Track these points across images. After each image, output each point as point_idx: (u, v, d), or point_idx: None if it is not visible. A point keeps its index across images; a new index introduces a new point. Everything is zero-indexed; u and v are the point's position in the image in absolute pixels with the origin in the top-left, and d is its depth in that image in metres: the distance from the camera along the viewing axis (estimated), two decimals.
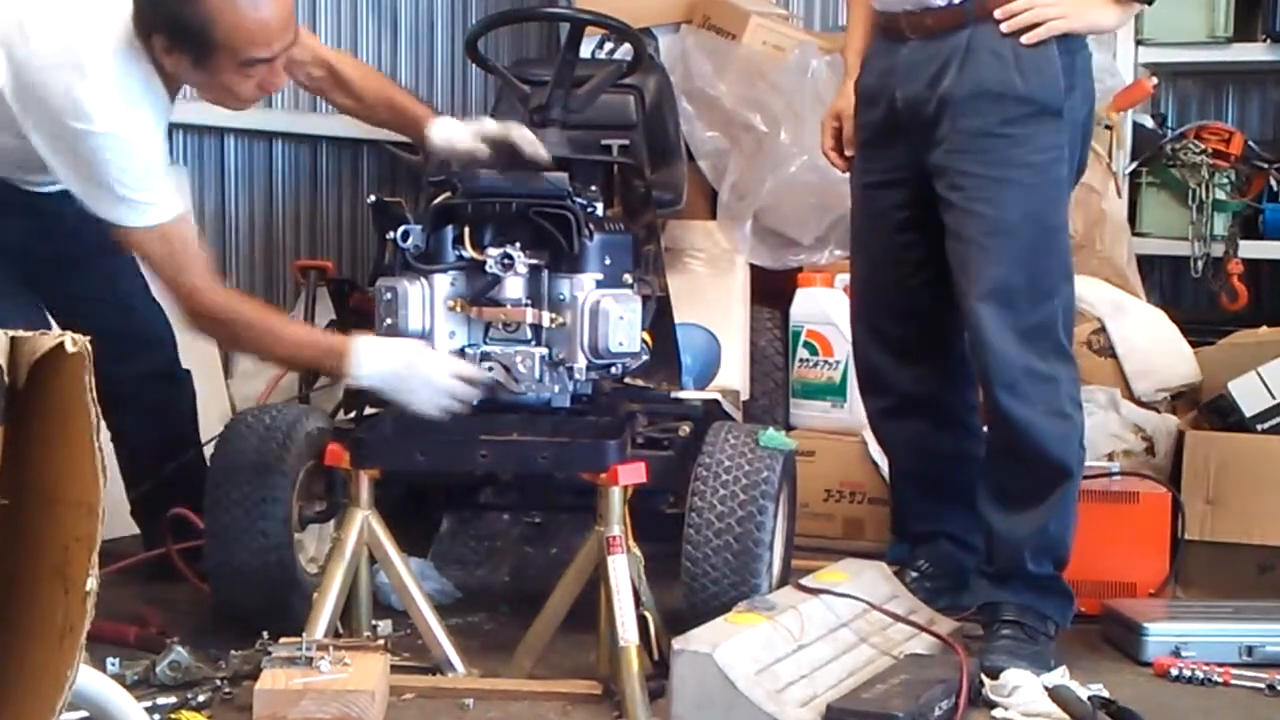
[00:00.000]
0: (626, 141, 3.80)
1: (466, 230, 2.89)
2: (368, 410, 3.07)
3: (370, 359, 2.80)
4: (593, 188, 3.02)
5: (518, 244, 2.86)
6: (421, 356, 2.81)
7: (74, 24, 2.76)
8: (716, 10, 4.62)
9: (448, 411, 2.80)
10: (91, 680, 1.76)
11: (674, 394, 3.25)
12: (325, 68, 3.15)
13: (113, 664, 2.70)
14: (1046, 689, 2.65)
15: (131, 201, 2.76)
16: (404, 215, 2.90)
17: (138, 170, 2.76)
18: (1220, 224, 4.49)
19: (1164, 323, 4.02)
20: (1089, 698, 2.62)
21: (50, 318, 3.19)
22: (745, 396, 4.09)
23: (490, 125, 3.00)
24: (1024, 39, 2.85)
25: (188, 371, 3.48)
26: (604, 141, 3.69)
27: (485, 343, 2.89)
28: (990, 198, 2.88)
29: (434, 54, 5.17)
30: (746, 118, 4.38)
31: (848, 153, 3.23)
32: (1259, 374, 3.58)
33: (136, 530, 3.50)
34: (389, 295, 2.86)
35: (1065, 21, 2.86)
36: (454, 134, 3.03)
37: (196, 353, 3.55)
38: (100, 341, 3.25)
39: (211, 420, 3.55)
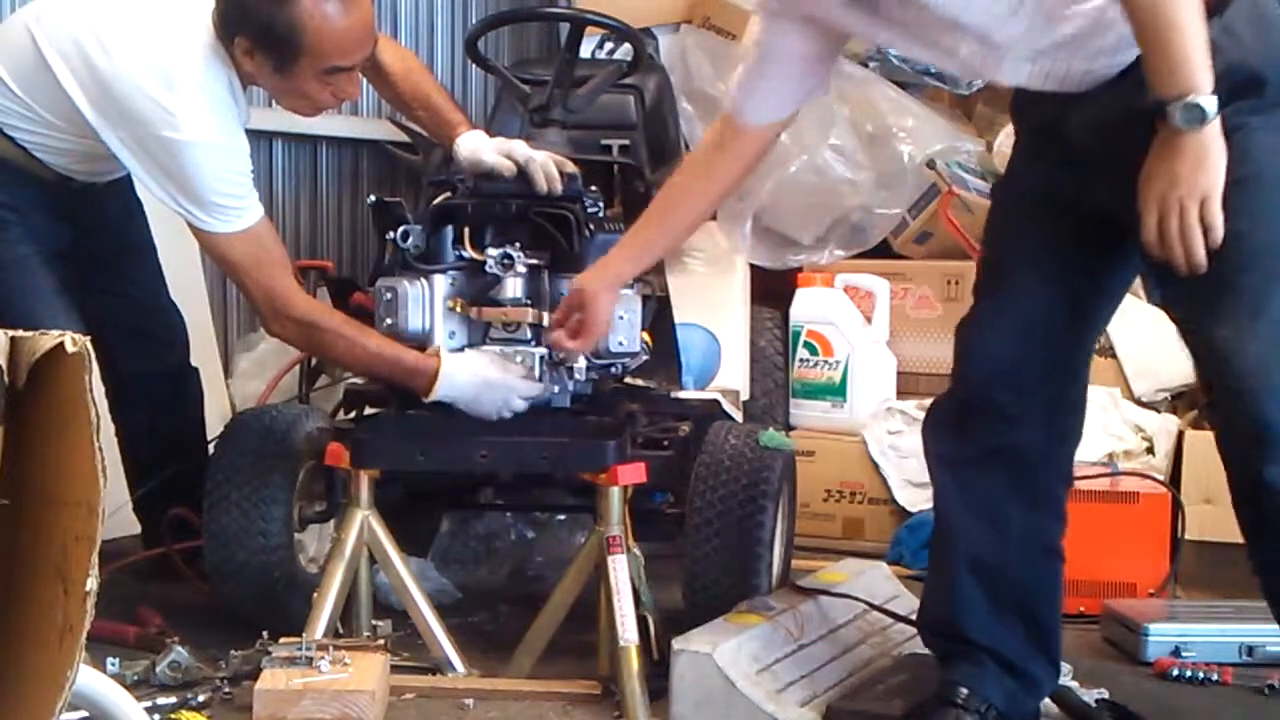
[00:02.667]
0: (626, 141, 3.81)
1: (466, 230, 2.89)
2: (368, 410, 3.08)
3: (452, 382, 2.79)
4: (593, 188, 3.02)
5: (518, 244, 2.86)
6: (495, 379, 2.80)
7: (156, 33, 2.78)
8: (716, 10, 4.62)
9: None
10: (91, 680, 1.76)
11: (674, 394, 3.25)
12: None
13: (113, 664, 2.69)
14: None
15: (221, 207, 2.79)
16: (404, 215, 2.90)
17: (227, 176, 2.79)
18: None
19: (1164, 323, 4.01)
20: (1096, 701, 2.62)
21: (80, 313, 3.21)
22: (745, 396, 4.09)
23: (520, 149, 2.96)
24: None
25: (196, 369, 3.49)
26: (604, 141, 3.69)
27: (485, 343, 2.89)
28: None
29: (434, 54, 5.17)
30: None
31: None
32: None
33: (136, 530, 3.50)
34: (389, 295, 2.86)
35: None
36: (480, 149, 3.00)
37: (197, 353, 3.54)
38: (124, 339, 3.30)
39: (211, 420, 3.55)
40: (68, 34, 2.81)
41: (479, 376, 2.80)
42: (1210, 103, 1.99)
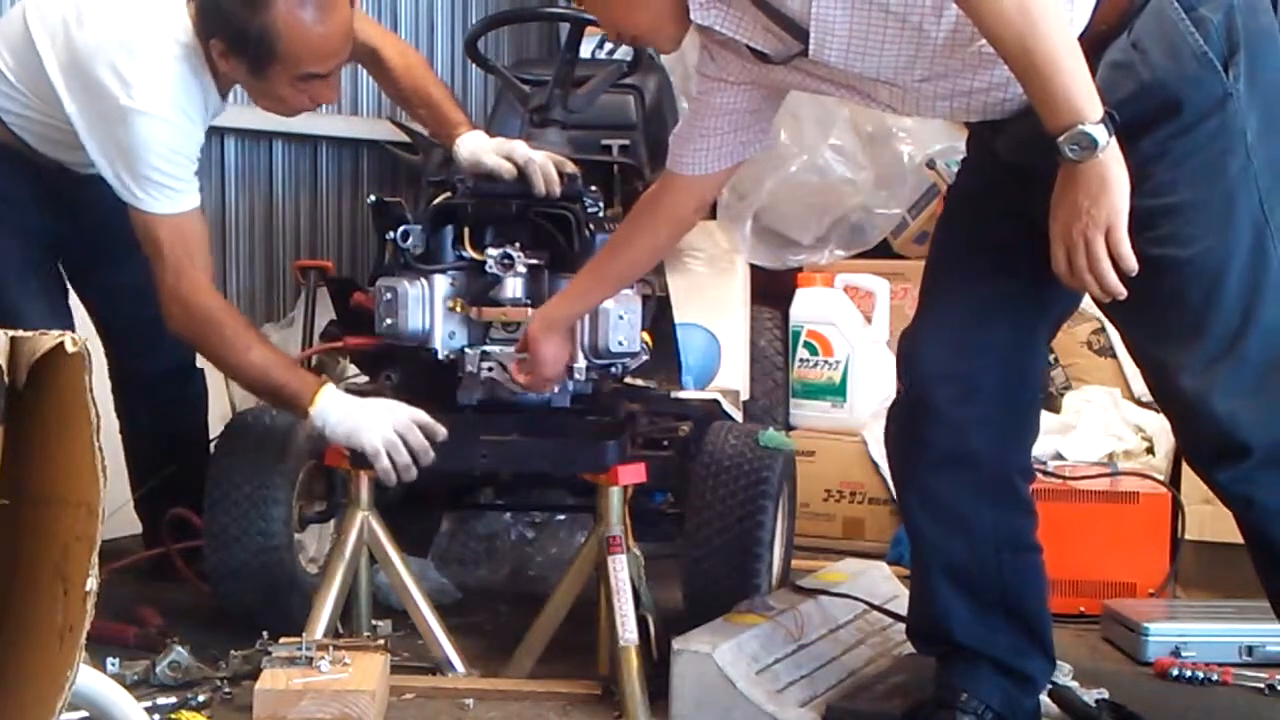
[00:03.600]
0: (626, 141, 3.80)
1: (466, 230, 2.89)
2: None
3: (330, 414, 2.76)
4: (593, 188, 3.02)
5: (518, 244, 2.86)
6: (372, 426, 2.74)
7: (133, 13, 2.81)
8: None
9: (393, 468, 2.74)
10: (91, 680, 1.76)
11: (674, 394, 3.25)
12: (368, 52, 3.12)
13: (113, 664, 2.69)
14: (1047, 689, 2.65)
15: (156, 184, 2.78)
16: (404, 215, 2.90)
17: (170, 155, 2.79)
18: None
19: None
20: (1096, 701, 2.62)
21: (85, 310, 3.25)
22: (745, 396, 4.09)
23: (520, 149, 2.95)
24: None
25: (200, 369, 3.48)
26: (604, 141, 3.69)
27: (485, 343, 2.89)
28: None
29: (434, 54, 5.17)
30: None
31: None
32: None
33: (137, 530, 3.51)
34: (389, 295, 2.86)
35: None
36: (480, 149, 2.99)
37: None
38: (128, 335, 3.30)
39: (212, 420, 3.56)
40: (57, 13, 2.85)
41: (352, 419, 2.75)
42: (1099, 130, 1.96)
